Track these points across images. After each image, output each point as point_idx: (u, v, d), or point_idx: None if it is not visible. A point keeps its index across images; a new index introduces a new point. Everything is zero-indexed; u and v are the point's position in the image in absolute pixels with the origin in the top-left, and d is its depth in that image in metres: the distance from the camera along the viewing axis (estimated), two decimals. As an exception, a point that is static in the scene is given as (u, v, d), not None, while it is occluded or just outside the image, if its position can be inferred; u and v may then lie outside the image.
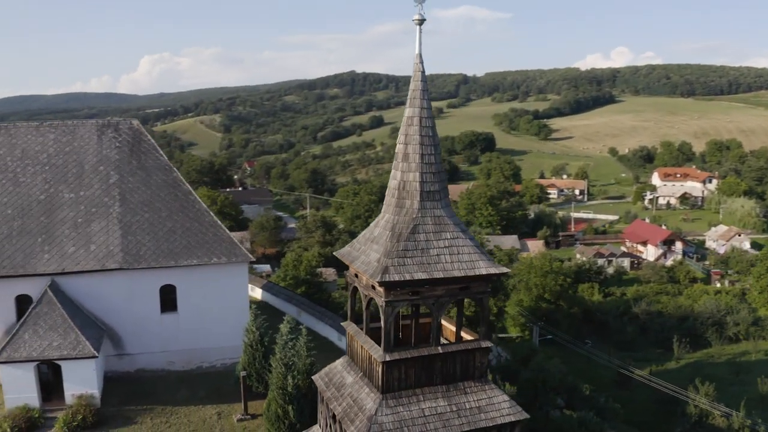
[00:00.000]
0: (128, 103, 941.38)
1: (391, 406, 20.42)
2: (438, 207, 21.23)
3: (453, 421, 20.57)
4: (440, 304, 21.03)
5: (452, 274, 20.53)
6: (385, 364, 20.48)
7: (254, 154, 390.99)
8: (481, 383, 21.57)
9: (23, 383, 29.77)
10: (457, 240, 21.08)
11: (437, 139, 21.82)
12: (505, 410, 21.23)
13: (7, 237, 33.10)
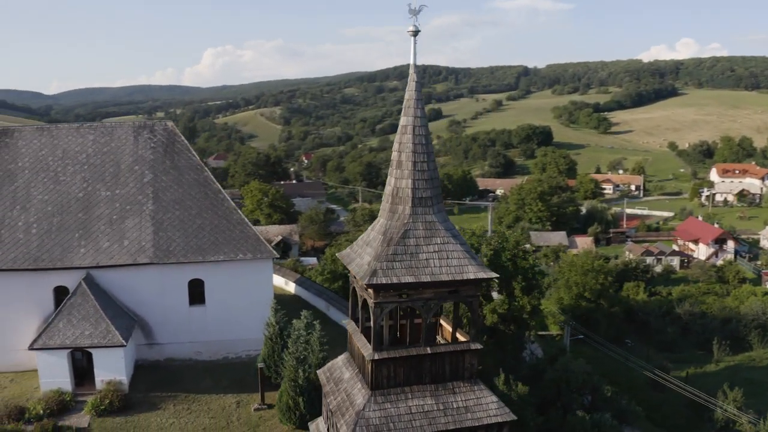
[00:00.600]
0: (191, 95, 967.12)
1: (379, 403, 21.29)
2: (430, 213, 21.90)
3: (439, 420, 21.28)
4: (429, 307, 21.72)
5: (440, 278, 21.19)
6: (374, 362, 21.36)
7: (312, 147, 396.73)
8: (470, 384, 22.16)
9: (57, 369, 32.02)
10: (447, 245, 21.71)
11: (431, 147, 22.43)
12: (492, 411, 21.77)
13: (47, 232, 35.47)
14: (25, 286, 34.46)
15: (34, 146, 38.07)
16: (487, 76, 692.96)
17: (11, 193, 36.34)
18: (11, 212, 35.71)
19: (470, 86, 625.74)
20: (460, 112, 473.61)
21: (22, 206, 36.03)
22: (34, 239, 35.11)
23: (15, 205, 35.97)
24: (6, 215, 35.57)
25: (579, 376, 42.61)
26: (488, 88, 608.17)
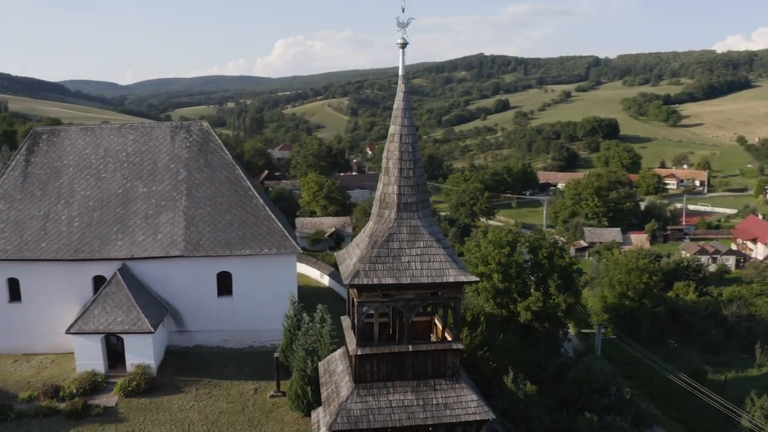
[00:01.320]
0: (262, 86, 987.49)
1: (362, 395, 22.64)
2: (414, 218, 22.99)
3: (417, 414, 22.46)
4: (411, 307, 22.87)
5: (420, 280, 22.30)
6: (358, 357, 22.72)
7: (378, 137, 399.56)
8: (452, 382, 23.21)
9: (91, 352, 34.72)
10: (429, 249, 22.76)
11: (418, 154, 23.53)
12: (471, 409, 22.76)
13: (87, 225, 38.29)
14: (66, 275, 37.36)
15: (79, 145, 41.03)
16: (556, 66, 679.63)
17: (57, 188, 39.38)
18: (56, 207, 38.73)
19: (539, 77, 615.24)
20: (528, 103, 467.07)
21: (66, 201, 39.00)
22: (75, 232, 37.99)
23: (60, 200, 38.99)
24: (51, 209, 38.61)
25: (600, 377, 42.61)
26: (557, 79, 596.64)
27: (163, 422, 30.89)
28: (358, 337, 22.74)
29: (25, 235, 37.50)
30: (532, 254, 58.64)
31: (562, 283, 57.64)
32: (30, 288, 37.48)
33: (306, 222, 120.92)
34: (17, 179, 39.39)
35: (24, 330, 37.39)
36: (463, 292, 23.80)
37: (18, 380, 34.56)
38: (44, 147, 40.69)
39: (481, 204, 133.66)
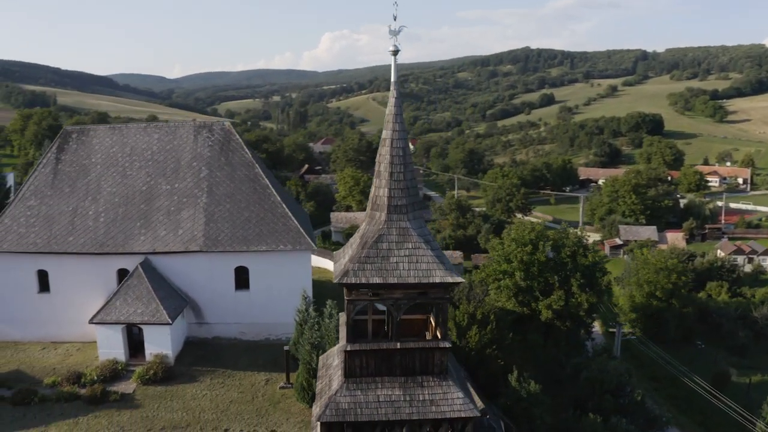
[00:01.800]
0: (308, 79, 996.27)
1: (351, 390, 23.57)
2: (404, 219, 23.75)
3: (403, 410, 23.29)
4: (399, 306, 23.69)
5: (407, 280, 23.08)
6: (347, 352, 23.66)
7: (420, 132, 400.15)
8: (439, 379, 23.92)
9: (113, 341, 36.60)
10: (417, 250, 23.51)
11: (408, 158, 24.21)
12: (456, 406, 23.44)
13: (113, 221, 40.22)
14: (92, 268, 39.35)
15: (107, 144, 43.02)
16: (603, 60, 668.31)
17: (85, 185, 41.42)
18: (84, 202, 40.77)
19: (585, 71, 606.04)
20: (573, 97, 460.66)
21: (93, 197, 41.00)
22: (101, 227, 39.95)
23: (87, 196, 41.01)
24: (79, 205, 40.66)
25: (613, 378, 42.74)
26: (604, 73, 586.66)
27: (175, 409, 32.47)
28: (348, 334, 23.77)
29: (54, 230, 39.64)
30: (555, 252, 58.83)
31: (584, 282, 57.76)
32: (58, 279, 39.63)
33: (341, 217, 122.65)
34: (48, 176, 41.59)
35: (52, 319, 39.55)
36: (451, 292, 24.44)
37: (44, 367, 36.69)
38: (74, 145, 42.81)
39: (517, 200, 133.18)
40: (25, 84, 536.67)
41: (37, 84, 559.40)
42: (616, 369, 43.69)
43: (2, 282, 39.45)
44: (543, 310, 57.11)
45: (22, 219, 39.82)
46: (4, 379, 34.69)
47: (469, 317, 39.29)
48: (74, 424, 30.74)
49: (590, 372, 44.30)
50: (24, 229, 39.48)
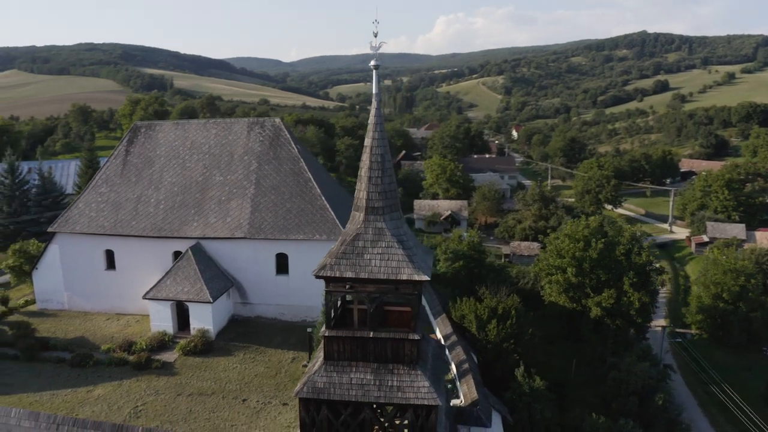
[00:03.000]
0: (420, 63, 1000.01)
1: (328, 371, 26.16)
2: (380, 220, 25.96)
3: (372, 393, 25.62)
4: (372, 299, 25.96)
5: (378, 276, 25.33)
6: (326, 338, 26.29)
7: (527, 118, 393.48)
8: (409, 368, 26.00)
9: (163, 315, 41.17)
10: (390, 249, 25.65)
11: (387, 164, 26.31)
12: (421, 394, 25.43)
13: (171, 208, 44.82)
14: (151, 249, 44.18)
15: (170, 138, 47.71)
16: (723, 45, 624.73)
17: (149, 175, 46.31)
18: (147, 191, 45.67)
19: (704, 56, 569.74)
20: (689, 84, 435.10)
21: (155, 186, 45.81)
22: (161, 213, 44.68)
23: (150, 186, 45.88)
24: (143, 193, 45.60)
25: (639, 380, 42.64)
26: (723, 59, 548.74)
27: (206, 378, 36.37)
28: (326, 321, 26.37)
29: (120, 215, 44.79)
30: (608, 250, 58.35)
31: (637, 281, 56.96)
32: (122, 259, 44.80)
33: (424, 204, 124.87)
34: (118, 166, 46.86)
35: (117, 294, 44.82)
36: (420, 289, 26.20)
37: (104, 335, 41.90)
38: (142, 139, 47.84)
39: (606, 192, 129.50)
40: (145, 68, 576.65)
41: (157, 67, 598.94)
42: (644, 371, 43.40)
43: (76, 259, 45.17)
44: (593, 308, 56.99)
45: (94, 204, 45.28)
46: (68, 343, 40.09)
47: (491, 311, 40.62)
48: (118, 386, 35.32)
49: (618, 373, 44.30)
50: (95, 213, 44.92)
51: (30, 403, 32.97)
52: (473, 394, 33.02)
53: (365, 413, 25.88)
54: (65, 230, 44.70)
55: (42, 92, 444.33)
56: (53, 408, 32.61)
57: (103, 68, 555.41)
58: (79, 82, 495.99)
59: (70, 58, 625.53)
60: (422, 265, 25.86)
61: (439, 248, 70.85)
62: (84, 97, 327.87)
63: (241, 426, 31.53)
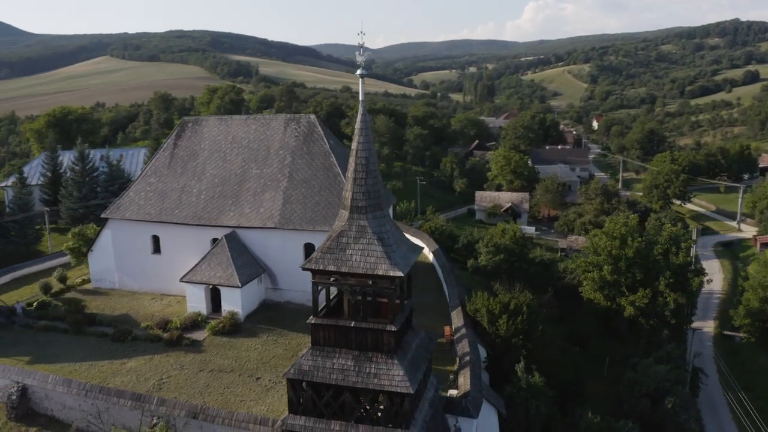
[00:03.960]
0: (507, 50, 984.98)
1: (314, 356, 28.55)
2: (363, 219, 28.03)
3: (351, 378, 27.81)
4: (353, 291, 28.08)
5: (357, 270, 27.45)
6: (312, 325, 28.67)
7: (611, 108, 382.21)
8: (386, 357, 27.99)
9: (197, 297, 44.65)
10: (370, 246, 27.69)
11: (371, 166, 28.28)
12: (395, 382, 27.39)
13: (211, 198, 48.28)
14: (192, 236, 47.75)
15: (214, 132, 51.18)
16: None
17: (193, 167, 49.96)
18: (191, 182, 49.33)
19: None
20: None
21: (198, 178, 49.40)
22: (201, 203, 48.23)
23: (194, 177, 49.52)
24: (187, 184, 49.30)
25: (652, 382, 42.65)
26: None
27: (228, 357, 39.47)
28: (313, 309, 28.72)
29: (165, 203, 48.69)
30: (647, 249, 57.73)
31: (674, 281, 56.18)
32: (167, 244, 48.69)
33: (485, 196, 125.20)
34: (166, 159, 50.80)
35: (161, 276, 48.74)
36: (397, 283, 27.91)
37: (147, 313, 45.90)
38: (189, 133, 51.58)
39: (675, 187, 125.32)
40: (233, 54, 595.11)
41: (244, 54, 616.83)
42: (659, 373, 43.25)
43: (125, 243, 49.47)
44: (627, 307, 56.65)
45: (143, 193, 49.40)
46: (113, 320, 44.32)
47: (502, 306, 41.75)
48: (149, 359, 38.99)
49: (633, 374, 44.40)
50: (143, 201, 49.03)
51: (70, 371, 37.00)
52: (467, 386, 34.52)
53: (345, 396, 28.07)
54: (117, 216, 49.09)
55: (132, 78, 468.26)
56: (89, 377, 36.52)
57: (191, 55, 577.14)
58: (168, 69, 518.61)
59: (160, 45, 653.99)
60: (400, 262, 27.67)
61: (480, 241, 71.83)
62: (171, 84, 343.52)
63: (249, 401, 34.32)
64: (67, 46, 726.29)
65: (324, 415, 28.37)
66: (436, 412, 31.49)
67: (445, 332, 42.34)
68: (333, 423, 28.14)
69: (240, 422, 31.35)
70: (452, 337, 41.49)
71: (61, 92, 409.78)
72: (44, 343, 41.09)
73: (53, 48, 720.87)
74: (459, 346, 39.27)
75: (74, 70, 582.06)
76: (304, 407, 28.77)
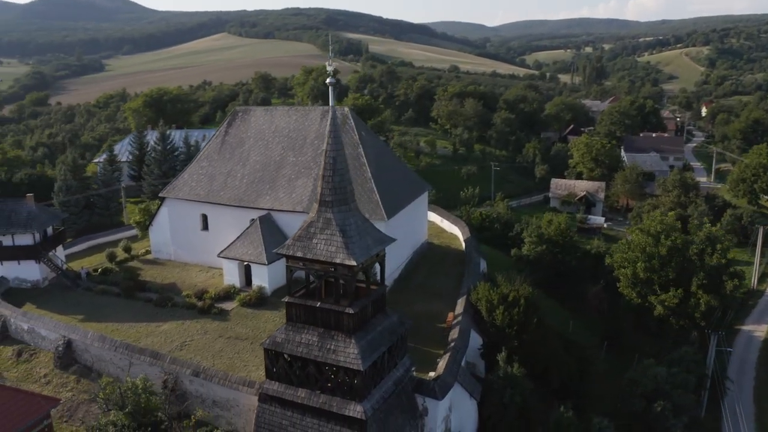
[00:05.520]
0: (627, 29, 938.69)
1: (287, 330, 32.68)
2: (329, 212, 31.63)
3: (313, 351, 31.68)
4: (319, 275, 31.81)
5: (319, 257, 31.17)
6: (286, 303, 32.74)
7: (724, 94, 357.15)
8: (346, 336, 31.56)
9: (232, 272, 49.83)
10: (333, 236, 31.26)
11: (338, 165, 31.72)
12: (350, 359, 30.96)
13: (252, 182, 53.23)
14: (234, 216, 52.89)
15: (260, 122, 56.04)
16: None
17: (239, 154, 55.13)
18: (236, 167, 54.52)
19: None
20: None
21: (243, 163, 54.50)
22: (243, 186, 53.33)
23: (239, 162, 54.67)
24: (233, 169, 54.55)
25: (650, 383, 43.22)
26: None
27: (248, 326, 44.33)
28: (288, 290, 32.75)
29: (213, 185, 54.25)
30: (683, 248, 57.13)
31: (708, 283, 55.41)
32: (213, 222, 54.28)
33: (560, 183, 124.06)
34: (218, 145, 56.31)
35: (208, 250, 54.35)
36: (353, 271, 31.06)
37: (191, 283, 51.77)
38: (238, 122, 56.78)
39: (763, 182, 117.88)
40: (346, 32, 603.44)
41: (358, 32, 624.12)
42: (658, 374, 43.59)
43: (180, 220, 55.60)
44: (657, 306, 56.48)
45: (195, 176, 55.25)
46: (160, 287, 50.53)
47: (500, 297, 43.80)
48: (180, 324, 44.61)
49: (634, 373, 45.04)
50: (195, 183, 54.87)
51: (112, 330, 43.32)
52: (440, 370, 37.27)
53: (310, 367, 31.98)
54: (172, 196, 55.32)
55: (246, 55, 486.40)
56: (128, 336, 42.60)
57: (305, 33, 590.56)
58: (282, 47, 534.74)
59: (275, 22, 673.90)
60: (357, 252, 30.97)
61: (525, 230, 72.94)
62: (280, 61, 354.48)
63: (251, 367, 38.93)
64: (188, 23, 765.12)
65: (293, 382, 32.48)
66: (402, 391, 34.58)
67: (447, 318, 45.11)
68: (300, 390, 32.18)
69: (232, 383, 36.03)
70: (452, 323, 44.14)
71: (176, 68, 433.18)
72: (99, 305, 47.90)
73: (174, 25, 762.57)
74: (451, 333, 41.96)
75: (192, 47, 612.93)
76: (278, 374, 32.98)
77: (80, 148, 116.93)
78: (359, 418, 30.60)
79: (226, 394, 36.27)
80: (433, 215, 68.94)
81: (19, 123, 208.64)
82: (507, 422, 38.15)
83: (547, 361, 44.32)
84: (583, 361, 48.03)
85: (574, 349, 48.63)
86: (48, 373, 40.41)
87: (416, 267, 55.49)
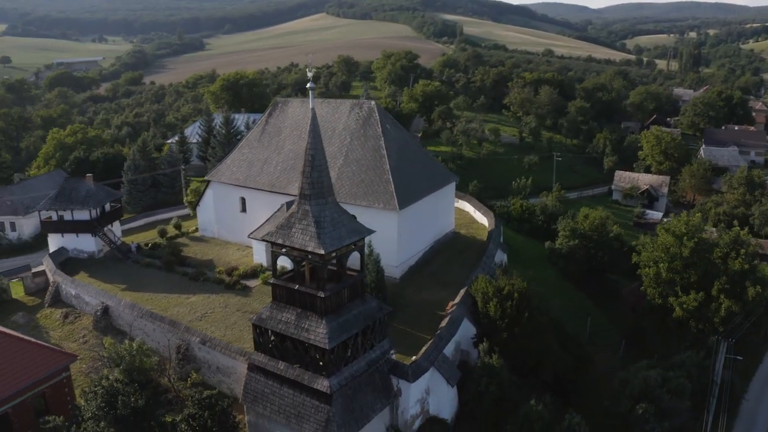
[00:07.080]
0: (734, 14, 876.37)
1: (272, 309, 36.75)
2: (307, 204, 35.28)
3: (290, 329, 35.57)
4: (297, 261, 35.51)
5: (294, 245, 34.83)
6: (272, 284, 36.75)
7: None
8: (317, 316, 35.16)
9: (260, 251, 54.45)
10: (308, 227, 34.86)
11: (317, 162, 35.28)
12: (319, 337, 34.58)
13: (284, 170, 57.40)
14: (268, 200, 57.22)
15: (296, 113, 60.10)
16: None
17: (276, 142, 59.49)
18: (272, 154, 58.93)
19: None
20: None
21: (279, 151, 58.85)
22: (277, 173, 57.68)
23: (276, 150, 59.04)
24: (270, 156, 59.01)
25: (637, 385, 44.04)
26: None
27: (263, 301, 48.59)
28: (273, 273, 36.73)
29: (251, 171, 58.99)
30: (706, 251, 56.55)
31: (729, 288, 54.76)
32: (251, 204, 59.08)
33: (624, 176, 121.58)
34: (258, 133, 60.95)
35: (246, 230, 58.96)
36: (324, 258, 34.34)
37: (227, 260, 56.85)
38: (278, 113, 61.13)
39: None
40: (444, 13, 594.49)
41: (455, 13, 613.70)
42: (648, 377, 44.23)
43: (222, 202, 60.91)
44: (676, 308, 56.29)
45: (237, 161, 60.22)
46: (198, 262, 55.99)
47: (495, 290, 45.81)
48: (206, 297, 49.67)
49: (626, 374, 45.87)
50: (235, 168, 59.87)
51: (147, 299, 49.01)
52: (419, 355, 40.09)
53: (287, 343, 35.88)
54: (215, 179, 60.67)
55: (342, 36, 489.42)
56: (159, 305, 48.09)
57: (402, 14, 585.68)
58: (377, 28, 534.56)
59: (373, 3, 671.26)
60: (327, 242, 34.33)
61: (560, 224, 73.46)
62: (374, 43, 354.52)
63: (256, 339, 43.31)
64: (288, 3, 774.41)
65: (276, 355, 36.50)
66: (376, 371, 37.71)
67: (447, 307, 47.70)
68: (280, 363, 36.18)
69: (232, 352, 40.63)
70: (449, 311, 46.70)
71: (274, 48, 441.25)
72: (142, 276, 53.91)
73: (275, 4, 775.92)
74: (442, 321, 44.59)
75: (291, 27, 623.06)
76: (264, 347, 37.11)
77: (163, 128, 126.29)
78: (325, 392, 34.17)
79: (226, 362, 40.94)
80: (467, 205, 70.93)
81: (112, 102, 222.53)
82: (483, 410, 40.49)
83: (539, 356, 45.93)
84: (580, 359, 49.20)
85: (572, 345, 49.77)
86: (87, 334, 46.61)
87: (435, 255, 57.98)
